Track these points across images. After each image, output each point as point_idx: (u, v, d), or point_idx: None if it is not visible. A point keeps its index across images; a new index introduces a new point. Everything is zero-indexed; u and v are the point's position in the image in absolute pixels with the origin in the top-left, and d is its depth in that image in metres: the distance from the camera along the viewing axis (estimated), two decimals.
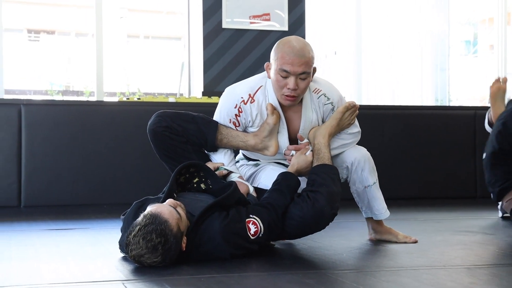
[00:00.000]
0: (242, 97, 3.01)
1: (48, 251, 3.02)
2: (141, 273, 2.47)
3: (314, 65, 2.94)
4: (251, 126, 3.06)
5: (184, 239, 2.58)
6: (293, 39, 2.93)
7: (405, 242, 3.19)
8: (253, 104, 3.01)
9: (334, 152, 3.09)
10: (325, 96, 3.04)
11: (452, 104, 7.47)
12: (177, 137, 2.96)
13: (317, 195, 2.78)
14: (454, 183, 5.82)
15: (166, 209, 2.55)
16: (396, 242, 3.19)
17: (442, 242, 3.26)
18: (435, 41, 7.23)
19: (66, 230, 3.77)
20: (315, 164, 2.97)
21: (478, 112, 5.91)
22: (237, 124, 3.04)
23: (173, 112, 3.01)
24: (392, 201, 5.34)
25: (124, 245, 2.62)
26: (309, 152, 3.00)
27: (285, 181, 2.89)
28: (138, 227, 2.49)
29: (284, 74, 2.87)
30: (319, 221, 2.79)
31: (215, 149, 3.04)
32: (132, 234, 2.49)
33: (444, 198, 5.71)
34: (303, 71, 2.86)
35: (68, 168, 5.03)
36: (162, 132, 2.95)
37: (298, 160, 2.99)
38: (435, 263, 2.68)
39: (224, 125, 3.04)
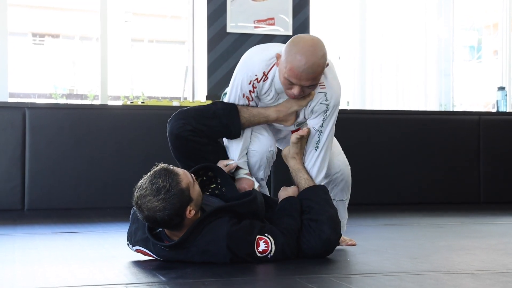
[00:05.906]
0: (256, 75, 2.95)
1: (52, 254, 3.02)
2: (144, 276, 2.47)
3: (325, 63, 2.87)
4: (263, 95, 3.01)
5: (192, 208, 2.60)
6: (306, 49, 2.80)
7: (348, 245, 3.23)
8: (266, 82, 2.96)
9: None
10: (325, 96, 2.98)
11: (456, 109, 7.46)
12: (201, 139, 2.95)
13: (320, 225, 2.83)
14: (458, 188, 5.81)
15: (181, 170, 2.64)
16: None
17: (445, 247, 3.25)
18: (439, 47, 7.21)
19: (69, 233, 3.77)
20: (301, 188, 3.01)
21: (482, 117, 5.91)
22: (250, 99, 3.02)
23: (194, 112, 2.98)
24: (395, 206, 5.36)
25: (131, 224, 2.84)
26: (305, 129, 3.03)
27: (291, 205, 2.93)
28: (150, 173, 2.60)
29: (290, 83, 2.84)
30: (328, 250, 2.87)
31: (239, 136, 3.03)
32: (142, 180, 2.60)
33: (448, 203, 5.70)
34: (310, 84, 2.84)
35: (72, 171, 5.04)
36: (187, 136, 2.92)
37: (287, 192, 3.01)
38: (438, 268, 2.68)
39: (243, 106, 3.02)
